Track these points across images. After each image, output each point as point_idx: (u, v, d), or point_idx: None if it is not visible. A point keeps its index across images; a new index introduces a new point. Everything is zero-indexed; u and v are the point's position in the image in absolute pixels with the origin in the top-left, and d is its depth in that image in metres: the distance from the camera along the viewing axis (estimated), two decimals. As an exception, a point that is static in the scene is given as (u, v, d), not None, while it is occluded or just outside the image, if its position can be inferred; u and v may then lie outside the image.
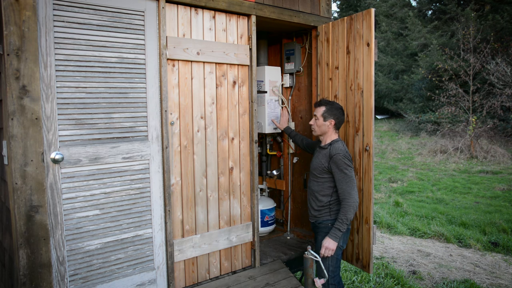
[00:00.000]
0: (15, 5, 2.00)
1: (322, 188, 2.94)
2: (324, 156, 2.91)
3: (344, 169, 2.81)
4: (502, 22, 14.93)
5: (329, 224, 2.92)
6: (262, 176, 4.16)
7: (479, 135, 12.98)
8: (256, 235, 3.18)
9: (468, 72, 13.49)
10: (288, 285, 2.94)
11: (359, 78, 3.07)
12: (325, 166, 2.89)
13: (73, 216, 2.31)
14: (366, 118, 3.04)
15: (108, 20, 2.38)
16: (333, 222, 2.90)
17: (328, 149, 2.91)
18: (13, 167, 2.04)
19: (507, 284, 4.45)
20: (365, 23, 3.00)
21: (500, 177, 10.17)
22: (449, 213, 7.15)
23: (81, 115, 2.31)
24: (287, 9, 3.24)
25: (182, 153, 2.78)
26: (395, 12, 20.38)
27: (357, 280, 4.36)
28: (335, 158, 2.82)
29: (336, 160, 2.82)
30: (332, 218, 2.92)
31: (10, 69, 2.01)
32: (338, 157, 2.82)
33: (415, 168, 11.80)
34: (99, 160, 2.38)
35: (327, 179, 2.91)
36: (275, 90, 3.74)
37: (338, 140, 2.95)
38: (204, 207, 2.91)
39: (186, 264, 2.84)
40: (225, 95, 2.99)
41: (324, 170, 2.90)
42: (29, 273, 2.11)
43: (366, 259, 3.10)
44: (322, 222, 2.96)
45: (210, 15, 2.86)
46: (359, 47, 3.06)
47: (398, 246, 5.66)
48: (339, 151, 2.84)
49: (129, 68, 2.48)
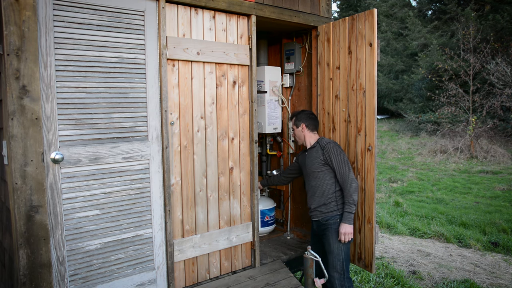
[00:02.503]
0: (15, 5, 2.00)
1: (323, 181, 3.04)
2: (316, 152, 3.09)
3: (338, 154, 3.01)
4: (502, 22, 14.93)
5: (338, 219, 2.99)
6: (262, 176, 4.16)
7: (479, 135, 12.98)
8: (256, 235, 3.18)
9: (468, 72, 13.49)
10: (288, 285, 2.94)
11: (361, 78, 3.07)
12: (321, 159, 3.04)
13: (73, 216, 2.31)
14: (368, 118, 3.04)
15: (108, 20, 2.38)
16: (340, 216, 2.98)
17: (317, 146, 3.12)
18: (13, 167, 2.04)
19: (507, 284, 4.45)
20: (368, 23, 3.00)
21: (500, 177, 10.17)
22: (449, 213, 7.14)
23: (81, 115, 2.31)
24: (287, 9, 3.23)
25: (182, 153, 2.77)
26: (395, 12, 20.39)
27: (357, 280, 4.36)
28: (327, 147, 3.04)
29: (329, 148, 3.03)
30: (340, 213, 2.98)
31: (10, 69, 2.00)
32: (329, 146, 3.05)
33: (415, 168, 11.80)
34: (99, 160, 2.38)
35: (327, 170, 3.04)
36: (275, 90, 3.74)
37: (322, 138, 3.20)
38: (204, 207, 2.91)
39: (186, 264, 2.84)
40: (225, 95, 2.99)
41: (321, 162, 3.04)
42: (29, 273, 2.11)
43: (368, 258, 3.10)
44: (331, 218, 3.00)
45: (210, 15, 2.86)
46: (361, 47, 3.05)
47: (398, 246, 5.66)
48: (328, 141, 3.11)
49: (129, 68, 2.48)
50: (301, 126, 3.22)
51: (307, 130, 3.21)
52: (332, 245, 2.97)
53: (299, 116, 3.24)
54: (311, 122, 3.21)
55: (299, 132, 3.24)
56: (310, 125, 3.21)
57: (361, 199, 3.12)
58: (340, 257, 2.94)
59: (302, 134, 3.23)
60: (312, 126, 3.22)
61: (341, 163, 2.99)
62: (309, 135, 3.22)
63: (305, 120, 3.21)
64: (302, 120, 3.21)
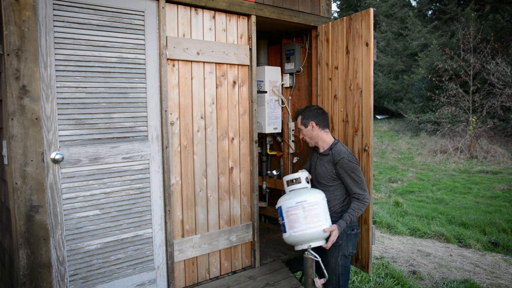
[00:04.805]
0: (15, 5, 2.00)
1: (332, 195, 2.79)
2: (328, 163, 2.77)
3: (351, 172, 2.68)
4: (502, 22, 14.93)
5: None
6: (262, 176, 4.16)
7: (479, 135, 12.98)
8: (256, 235, 3.18)
9: (468, 72, 13.49)
10: (288, 285, 2.94)
11: (358, 78, 3.07)
12: (333, 173, 2.75)
13: (73, 216, 2.31)
14: (365, 118, 3.04)
15: (108, 20, 2.38)
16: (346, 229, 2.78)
17: (330, 155, 2.77)
18: (13, 167, 2.04)
19: (507, 284, 4.45)
20: (364, 23, 3.00)
21: (500, 177, 10.17)
22: (449, 213, 7.14)
23: (81, 115, 2.31)
24: (287, 9, 3.24)
25: (182, 153, 2.78)
26: (395, 12, 20.38)
27: (357, 280, 4.36)
28: (340, 163, 2.69)
29: (343, 165, 2.68)
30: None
31: (10, 69, 2.01)
32: (343, 161, 2.68)
33: (415, 168, 11.80)
34: (99, 160, 2.38)
35: (337, 186, 2.77)
36: (275, 90, 3.74)
37: (336, 142, 2.82)
38: (204, 207, 2.91)
39: (186, 264, 2.84)
40: (225, 95, 2.99)
41: (334, 177, 2.75)
42: (29, 273, 2.11)
43: (365, 259, 3.10)
44: None
45: (210, 15, 2.86)
46: (358, 47, 3.06)
47: (398, 246, 5.66)
48: (342, 154, 2.70)
49: (129, 68, 2.48)
50: (311, 125, 2.81)
51: (318, 129, 2.81)
52: (329, 259, 2.82)
53: (306, 114, 2.83)
54: (322, 118, 2.82)
55: (309, 132, 2.83)
56: (321, 122, 2.81)
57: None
58: (336, 272, 2.80)
59: (313, 133, 2.82)
60: (323, 122, 2.82)
61: (355, 182, 2.67)
62: (322, 135, 2.82)
63: (314, 117, 2.80)
64: (311, 117, 2.81)
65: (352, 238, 2.82)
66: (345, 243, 2.80)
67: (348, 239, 2.80)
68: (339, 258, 2.80)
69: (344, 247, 2.80)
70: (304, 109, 2.89)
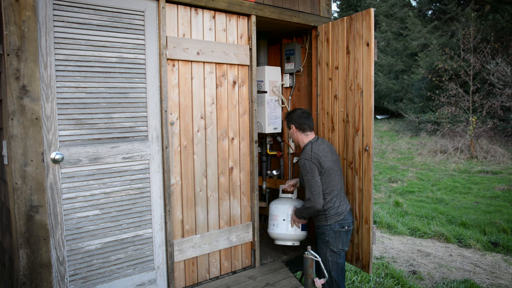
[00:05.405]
0: (15, 5, 2.00)
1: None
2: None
3: (304, 174, 2.86)
4: (502, 22, 14.93)
5: (325, 230, 2.95)
6: (262, 176, 4.16)
7: (479, 135, 12.98)
8: (256, 235, 3.18)
9: (468, 72, 13.49)
10: (288, 285, 2.94)
11: (359, 78, 3.07)
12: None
13: (73, 216, 2.31)
14: (365, 118, 3.04)
15: (108, 20, 2.38)
16: (328, 227, 2.93)
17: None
18: (13, 167, 2.04)
19: (507, 284, 4.45)
20: (365, 23, 3.00)
21: (500, 177, 10.17)
22: (449, 213, 7.14)
23: (81, 115, 2.31)
24: (287, 9, 3.24)
25: (182, 153, 2.77)
26: (395, 12, 20.38)
27: (357, 280, 4.36)
28: (298, 163, 2.90)
29: (300, 165, 2.89)
30: (328, 223, 2.94)
31: (10, 69, 2.01)
32: (300, 162, 2.89)
33: (415, 168, 11.80)
34: (99, 160, 2.38)
35: None
36: (275, 90, 3.74)
37: (308, 143, 2.98)
38: (204, 207, 2.91)
39: (186, 264, 2.84)
40: (225, 95, 2.99)
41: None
42: (29, 273, 2.11)
43: (366, 259, 3.10)
44: (319, 228, 3.01)
45: (210, 15, 2.86)
46: (359, 47, 3.06)
47: (398, 246, 5.66)
48: (303, 155, 2.89)
49: (129, 68, 2.48)
50: (292, 128, 3.06)
51: (298, 132, 3.03)
52: (320, 254, 2.99)
53: (289, 117, 3.07)
54: (302, 122, 3.02)
55: (292, 134, 3.09)
56: (301, 126, 3.02)
57: (359, 200, 3.12)
58: (327, 268, 2.94)
59: (294, 136, 3.07)
60: (303, 126, 3.02)
61: (307, 183, 2.86)
62: (302, 137, 3.03)
63: (294, 121, 3.03)
64: (292, 121, 3.04)
65: (342, 235, 2.94)
66: (332, 239, 2.93)
67: (336, 236, 2.93)
68: (328, 254, 2.95)
69: (332, 243, 2.94)
70: (290, 112, 3.11)
